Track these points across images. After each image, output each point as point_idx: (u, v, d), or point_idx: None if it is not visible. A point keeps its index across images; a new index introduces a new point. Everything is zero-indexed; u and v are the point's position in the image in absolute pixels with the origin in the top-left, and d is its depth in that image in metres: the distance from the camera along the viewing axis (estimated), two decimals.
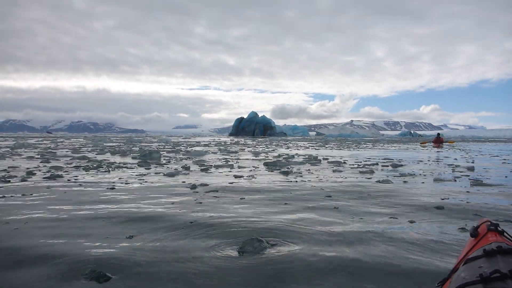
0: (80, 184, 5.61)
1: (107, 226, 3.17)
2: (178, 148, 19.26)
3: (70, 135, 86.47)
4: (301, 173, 7.34)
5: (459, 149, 20.84)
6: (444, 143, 30.23)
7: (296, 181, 6.02)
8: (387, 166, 9.30)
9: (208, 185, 5.45)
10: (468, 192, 5.14)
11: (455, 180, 6.31)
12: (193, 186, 5.31)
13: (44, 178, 6.37)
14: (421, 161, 11.24)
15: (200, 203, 4.19)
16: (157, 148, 18.58)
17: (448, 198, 4.59)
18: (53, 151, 15.28)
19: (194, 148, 19.19)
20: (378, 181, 5.98)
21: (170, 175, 6.92)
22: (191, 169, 8.37)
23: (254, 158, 11.64)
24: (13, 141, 30.03)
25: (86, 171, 7.52)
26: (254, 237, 2.60)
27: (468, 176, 7.16)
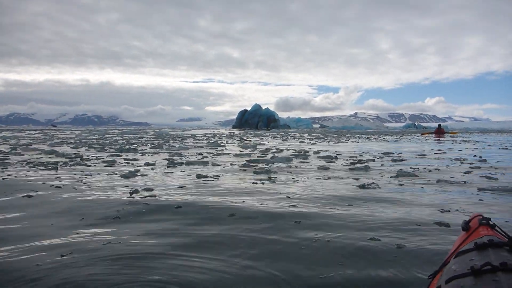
0: None
1: None
2: (168, 141, 18.21)
3: (71, 128, 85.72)
4: (277, 172, 6.24)
5: (464, 141, 19.57)
6: (445, 134, 28.97)
7: (263, 183, 4.91)
8: (386, 161, 8.16)
9: (152, 190, 4.34)
10: (481, 200, 4.00)
11: (465, 182, 5.17)
12: (135, 191, 4.23)
13: None
14: (424, 155, 10.08)
15: (117, 218, 3.11)
16: (144, 142, 17.55)
17: (449, 211, 3.47)
18: (29, 144, 14.27)
19: (184, 141, 18.18)
20: (365, 185, 4.85)
21: (125, 176, 5.84)
22: (157, 165, 7.30)
23: (239, 152, 10.53)
24: (9, 133, 29.21)
25: (31, 168, 6.47)
26: None
27: (479, 174, 6.02)
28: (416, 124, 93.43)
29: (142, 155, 9.81)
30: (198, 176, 5.55)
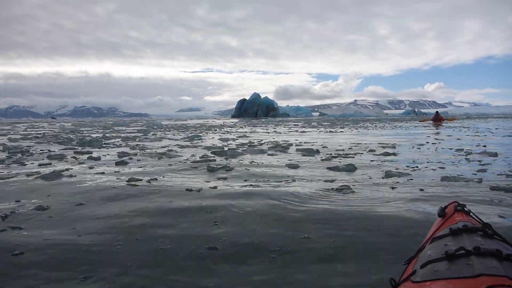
0: None
1: None
2: (148, 132, 17.02)
3: (68, 120, 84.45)
4: (234, 169, 5.08)
5: (464, 127, 18.33)
6: (444, 121, 27.79)
7: (198, 191, 3.71)
8: (378, 155, 6.89)
9: (47, 208, 3.14)
10: (501, 211, 2.83)
11: (479, 180, 3.97)
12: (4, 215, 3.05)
13: None
14: (422, 145, 8.88)
15: None
16: (123, 134, 16.37)
17: None
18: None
19: (166, 132, 17.02)
20: (342, 189, 3.66)
21: (45, 177, 4.68)
22: (102, 161, 6.13)
23: (212, 145, 9.30)
24: None
25: None
26: None
27: (493, 172, 4.80)
28: (416, 110, 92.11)
29: (99, 149, 8.66)
30: (130, 180, 4.35)
